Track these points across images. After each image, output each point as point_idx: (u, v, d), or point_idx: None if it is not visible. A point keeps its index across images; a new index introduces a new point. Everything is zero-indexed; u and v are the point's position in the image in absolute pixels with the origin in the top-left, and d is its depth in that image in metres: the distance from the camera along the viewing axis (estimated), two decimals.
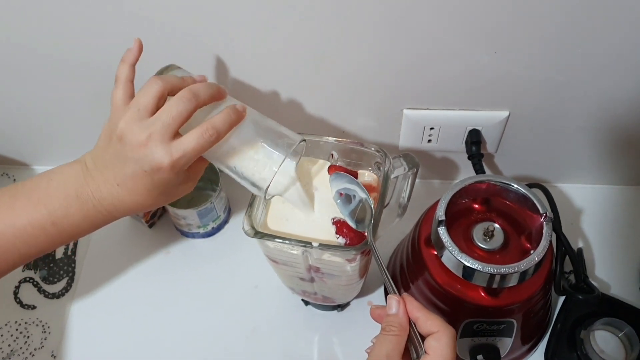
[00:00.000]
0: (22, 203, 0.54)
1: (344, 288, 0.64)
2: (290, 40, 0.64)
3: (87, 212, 0.54)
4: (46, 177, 0.55)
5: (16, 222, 0.53)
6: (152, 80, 0.52)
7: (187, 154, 0.50)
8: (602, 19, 0.59)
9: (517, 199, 0.63)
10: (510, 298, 0.60)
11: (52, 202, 0.53)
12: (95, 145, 0.54)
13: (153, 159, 0.49)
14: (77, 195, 0.53)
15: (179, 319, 0.75)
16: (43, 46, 0.68)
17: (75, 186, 0.53)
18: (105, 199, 0.53)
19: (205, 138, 0.50)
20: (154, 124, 0.49)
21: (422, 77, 0.68)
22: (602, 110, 0.71)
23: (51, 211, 0.53)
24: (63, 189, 0.53)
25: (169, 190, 0.53)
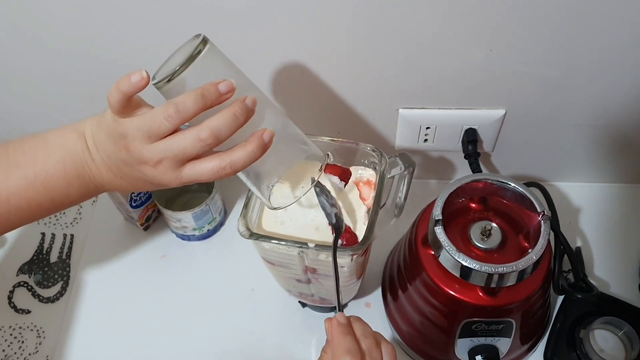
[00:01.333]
0: (18, 178, 0.51)
1: (341, 289, 0.63)
2: (285, 39, 0.64)
3: (86, 191, 0.53)
4: (43, 148, 0.52)
5: (11, 200, 0.51)
6: (168, 108, 0.46)
7: (197, 180, 0.48)
8: (598, 17, 0.59)
9: (514, 198, 0.62)
10: (508, 298, 0.60)
11: (51, 181, 0.51)
12: (97, 127, 0.50)
13: (162, 180, 0.48)
14: (77, 176, 0.51)
15: (175, 322, 0.74)
16: (37, 48, 0.68)
17: (76, 166, 0.51)
18: (104, 184, 0.53)
19: (220, 173, 0.47)
20: (165, 151, 0.46)
21: (417, 76, 0.67)
22: (599, 108, 0.71)
23: (50, 190, 0.51)
24: (63, 168, 0.51)
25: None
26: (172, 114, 0.45)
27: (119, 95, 0.47)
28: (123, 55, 0.67)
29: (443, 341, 0.65)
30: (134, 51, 0.67)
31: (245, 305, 0.75)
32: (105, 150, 0.50)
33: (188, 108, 0.45)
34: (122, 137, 0.47)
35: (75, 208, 0.86)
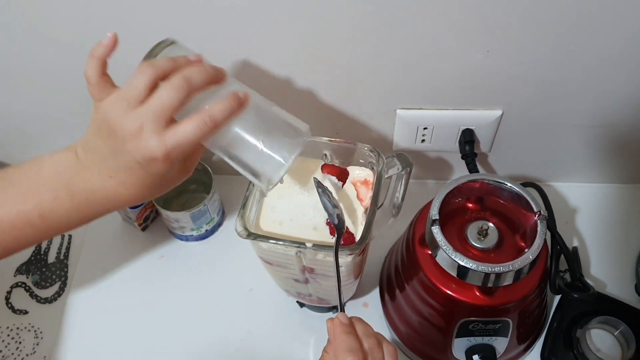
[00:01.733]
0: (11, 194, 0.51)
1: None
2: (283, 40, 0.64)
3: (79, 205, 0.51)
4: (36, 165, 0.51)
5: (4, 216, 0.50)
6: (141, 67, 0.48)
7: (182, 144, 0.47)
8: (595, 18, 0.59)
9: (511, 198, 0.62)
10: (505, 297, 0.60)
11: (41, 193, 0.50)
12: (86, 133, 0.51)
13: (146, 149, 0.46)
14: (67, 187, 0.50)
15: (173, 322, 0.74)
16: (34, 50, 0.68)
17: (66, 177, 0.50)
18: (97, 191, 0.50)
19: (202, 128, 0.47)
20: (145, 113, 0.46)
21: (414, 77, 0.68)
22: (595, 109, 0.71)
23: (38, 203, 0.50)
24: (53, 180, 0.50)
25: (164, 181, 0.50)
26: (145, 68, 0.47)
27: (93, 62, 0.48)
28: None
29: (440, 341, 0.65)
30: (132, 50, 0.67)
31: (244, 305, 0.75)
32: (93, 148, 0.50)
33: (160, 64, 0.47)
34: (105, 120, 0.47)
35: None
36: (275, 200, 0.61)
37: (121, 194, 0.50)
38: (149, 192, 0.51)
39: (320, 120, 0.75)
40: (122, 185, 0.49)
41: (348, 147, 0.62)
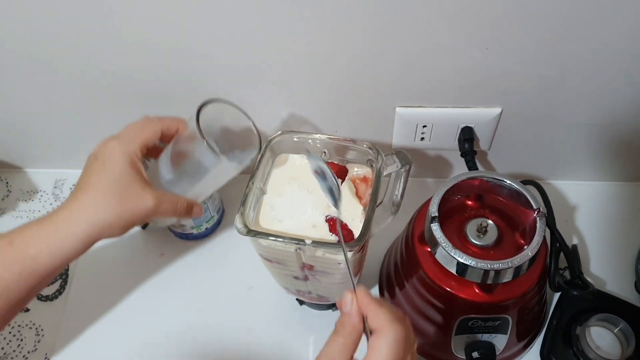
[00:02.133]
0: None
1: (338, 286, 0.63)
2: (281, 39, 0.64)
3: None
4: None
5: None
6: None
7: None
8: (594, 16, 0.59)
9: (510, 195, 0.63)
10: (504, 294, 0.60)
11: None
12: None
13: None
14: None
15: (173, 320, 0.74)
16: (34, 49, 0.68)
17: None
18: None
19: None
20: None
21: (413, 75, 0.68)
22: (594, 107, 0.71)
23: None
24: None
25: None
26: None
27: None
28: (121, 54, 0.68)
29: (440, 338, 0.65)
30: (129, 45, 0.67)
31: (243, 303, 0.75)
32: None
33: None
34: None
35: None
36: (275, 198, 0.61)
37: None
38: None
39: (320, 118, 0.75)
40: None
41: (347, 144, 0.62)
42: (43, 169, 0.90)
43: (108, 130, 0.75)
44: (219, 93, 0.72)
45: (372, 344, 0.43)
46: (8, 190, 0.88)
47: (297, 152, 0.65)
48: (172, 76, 0.71)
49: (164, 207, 0.54)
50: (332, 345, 0.44)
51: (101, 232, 0.52)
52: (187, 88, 0.72)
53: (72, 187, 0.88)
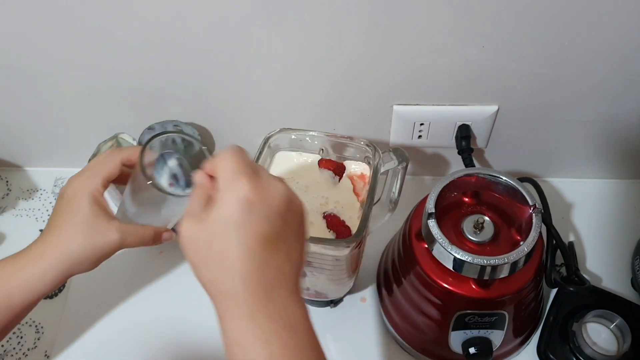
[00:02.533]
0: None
1: (336, 282, 0.64)
2: (279, 37, 0.65)
3: None
4: None
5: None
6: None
7: None
8: (589, 13, 0.59)
9: (506, 192, 0.63)
10: (501, 290, 0.60)
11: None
12: None
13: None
14: None
15: (172, 317, 0.75)
16: (33, 48, 0.68)
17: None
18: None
19: None
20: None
21: (411, 73, 0.68)
22: (591, 104, 0.72)
23: None
24: None
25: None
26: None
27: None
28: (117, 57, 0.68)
29: (437, 334, 0.65)
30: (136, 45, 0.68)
31: None
32: None
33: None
34: None
35: None
36: None
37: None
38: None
39: (318, 116, 0.75)
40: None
41: (345, 142, 0.63)
42: (43, 167, 0.90)
43: (108, 128, 0.76)
44: (217, 91, 0.73)
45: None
46: (8, 188, 0.89)
47: (295, 149, 0.65)
48: (171, 75, 0.71)
49: (129, 240, 0.55)
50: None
51: (71, 268, 0.54)
52: (186, 87, 0.72)
53: None
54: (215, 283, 0.43)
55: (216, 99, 0.74)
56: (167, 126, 0.74)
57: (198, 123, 0.78)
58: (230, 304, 0.41)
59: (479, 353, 0.64)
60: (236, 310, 0.41)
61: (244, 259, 0.41)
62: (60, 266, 0.53)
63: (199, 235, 0.42)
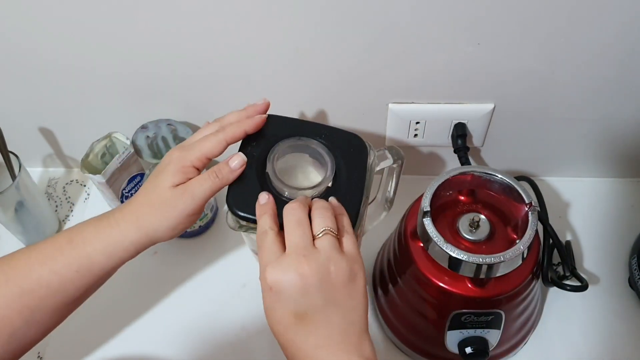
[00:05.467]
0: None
1: None
2: (274, 34, 0.64)
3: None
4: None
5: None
6: (201, 130, 0.56)
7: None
8: (587, 10, 0.59)
9: (502, 190, 0.63)
10: (497, 289, 0.60)
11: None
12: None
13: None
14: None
15: (166, 318, 0.74)
16: (25, 47, 0.68)
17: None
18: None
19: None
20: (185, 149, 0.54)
21: (406, 71, 0.68)
22: (587, 102, 0.71)
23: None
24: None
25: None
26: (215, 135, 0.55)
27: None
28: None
29: (433, 334, 0.65)
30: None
31: (237, 301, 0.75)
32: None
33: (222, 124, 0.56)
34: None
35: (68, 205, 0.86)
36: None
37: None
38: None
39: (313, 115, 0.75)
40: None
41: None
42: (36, 167, 0.90)
43: (101, 128, 0.75)
44: (211, 90, 0.73)
45: None
46: None
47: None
48: (165, 74, 0.71)
49: (198, 192, 0.52)
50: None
51: (149, 236, 0.52)
52: (180, 86, 0.72)
53: (65, 186, 0.88)
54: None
55: (210, 98, 0.74)
56: (161, 125, 0.74)
57: (192, 122, 0.77)
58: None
59: (475, 353, 0.63)
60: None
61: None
62: (137, 233, 0.52)
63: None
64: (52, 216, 0.82)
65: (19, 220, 0.77)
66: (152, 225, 0.52)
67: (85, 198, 0.87)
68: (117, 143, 0.76)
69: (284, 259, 0.47)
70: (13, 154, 0.74)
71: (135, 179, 0.78)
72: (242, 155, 0.54)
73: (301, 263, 0.46)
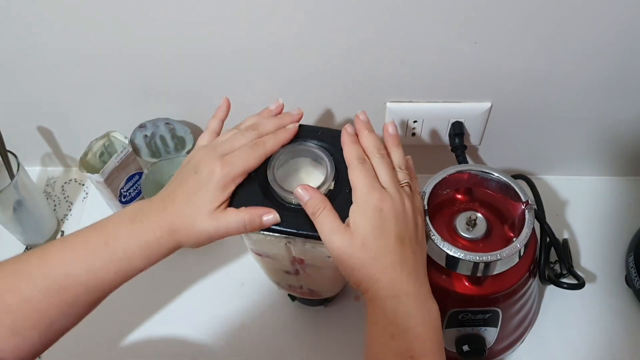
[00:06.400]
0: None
1: (329, 280, 0.64)
2: (272, 34, 0.64)
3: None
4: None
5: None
6: (238, 136, 0.56)
7: (236, 163, 0.53)
8: (584, 9, 0.59)
9: (499, 188, 0.63)
10: (494, 287, 0.60)
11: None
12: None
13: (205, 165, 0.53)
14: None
15: (165, 316, 0.74)
16: (23, 46, 0.68)
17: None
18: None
19: (255, 149, 0.54)
20: (228, 164, 0.53)
21: (404, 70, 0.68)
22: (584, 101, 0.72)
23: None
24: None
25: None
26: (248, 133, 0.57)
27: (216, 122, 0.60)
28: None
29: None
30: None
31: (235, 300, 0.75)
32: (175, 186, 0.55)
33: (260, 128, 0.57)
34: (192, 158, 0.56)
35: (66, 204, 0.86)
36: None
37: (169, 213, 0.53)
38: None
39: (311, 114, 0.75)
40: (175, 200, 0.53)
41: None
42: (34, 167, 0.90)
43: (99, 127, 0.76)
44: (208, 89, 0.72)
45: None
46: None
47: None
48: (163, 73, 0.71)
49: (222, 226, 0.52)
50: (325, 220, 0.50)
51: (179, 242, 0.53)
52: (178, 85, 0.72)
53: (64, 186, 0.88)
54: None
55: (208, 97, 0.74)
56: (159, 124, 0.74)
57: (190, 121, 0.77)
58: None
59: (472, 351, 0.64)
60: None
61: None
62: (170, 240, 0.53)
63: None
64: (50, 215, 0.83)
65: (18, 219, 0.77)
66: (183, 239, 0.53)
67: (84, 197, 0.87)
68: (115, 142, 0.76)
69: (390, 189, 0.51)
70: (11, 153, 0.74)
71: (134, 178, 0.78)
72: (277, 216, 0.53)
73: (402, 196, 0.52)
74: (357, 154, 0.54)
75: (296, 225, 0.53)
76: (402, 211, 0.51)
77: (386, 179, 0.52)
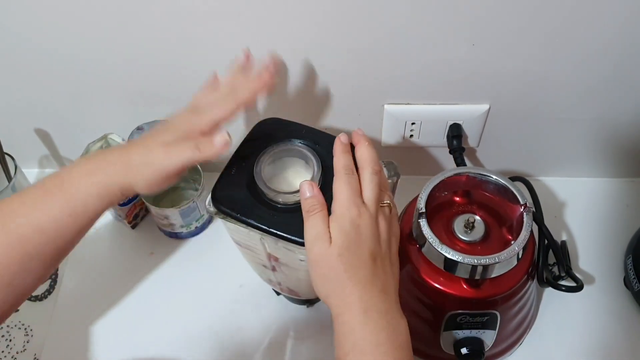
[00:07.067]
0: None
1: (304, 283, 0.63)
2: (269, 36, 0.64)
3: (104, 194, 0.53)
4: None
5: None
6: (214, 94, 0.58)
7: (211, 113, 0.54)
8: (582, 10, 0.59)
9: (497, 191, 0.63)
10: (492, 289, 0.60)
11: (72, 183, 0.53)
12: None
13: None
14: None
15: (163, 319, 0.74)
16: (21, 48, 0.68)
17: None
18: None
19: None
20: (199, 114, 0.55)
21: (401, 72, 0.68)
22: (582, 102, 0.72)
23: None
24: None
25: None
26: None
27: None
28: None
29: (429, 334, 0.65)
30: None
31: (233, 302, 0.75)
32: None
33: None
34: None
35: None
36: None
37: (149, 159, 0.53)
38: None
39: (308, 117, 0.75)
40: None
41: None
42: (31, 169, 0.89)
43: (96, 129, 0.75)
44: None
45: None
46: None
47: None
48: (160, 75, 0.71)
49: (176, 151, 0.53)
50: (315, 222, 0.50)
51: (133, 187, 0.53)
52: (175, 87, 0.72)
53: None
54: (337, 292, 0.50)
55: None
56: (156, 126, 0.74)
57: None
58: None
59: (470, 353, 0.64)
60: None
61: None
62: (124, 180, 0.52)
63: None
64: None
65: None
66: (137, 176, 0.53)
67: None
68: (112, 144, 0.76)
69: (370, 206, 0.51)
70: (9, 155, 0.74)
71: None
72: (227, 135, 0.53)
73: (380, 216, 0.52)
74: (346, 165, 0.53)
75: (274, 225, 0.53)
76: (376, 231, 0.51)
77: (369, 195, 0.52)
